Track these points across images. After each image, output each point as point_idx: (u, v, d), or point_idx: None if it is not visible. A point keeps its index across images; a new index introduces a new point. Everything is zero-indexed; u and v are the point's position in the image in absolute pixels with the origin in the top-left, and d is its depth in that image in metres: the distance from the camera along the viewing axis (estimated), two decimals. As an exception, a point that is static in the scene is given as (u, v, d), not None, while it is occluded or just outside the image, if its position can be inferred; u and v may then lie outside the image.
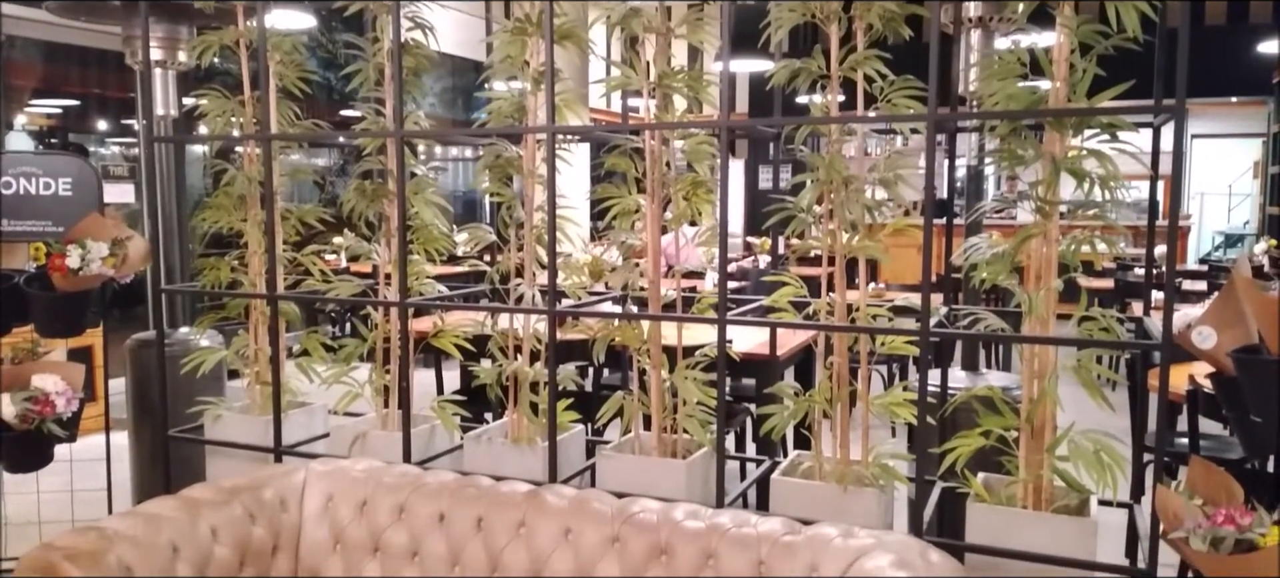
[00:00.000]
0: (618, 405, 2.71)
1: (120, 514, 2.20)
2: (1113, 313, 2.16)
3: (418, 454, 2.87)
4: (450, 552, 2.31)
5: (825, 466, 2.44)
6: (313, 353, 3.09)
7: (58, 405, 2.92)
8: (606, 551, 2.17)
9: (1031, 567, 2.15)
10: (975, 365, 3.09)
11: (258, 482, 2.46)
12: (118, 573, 2.02)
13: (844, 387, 2.39)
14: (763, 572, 2.04)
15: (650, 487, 2.47)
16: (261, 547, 2.35)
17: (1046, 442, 2.17)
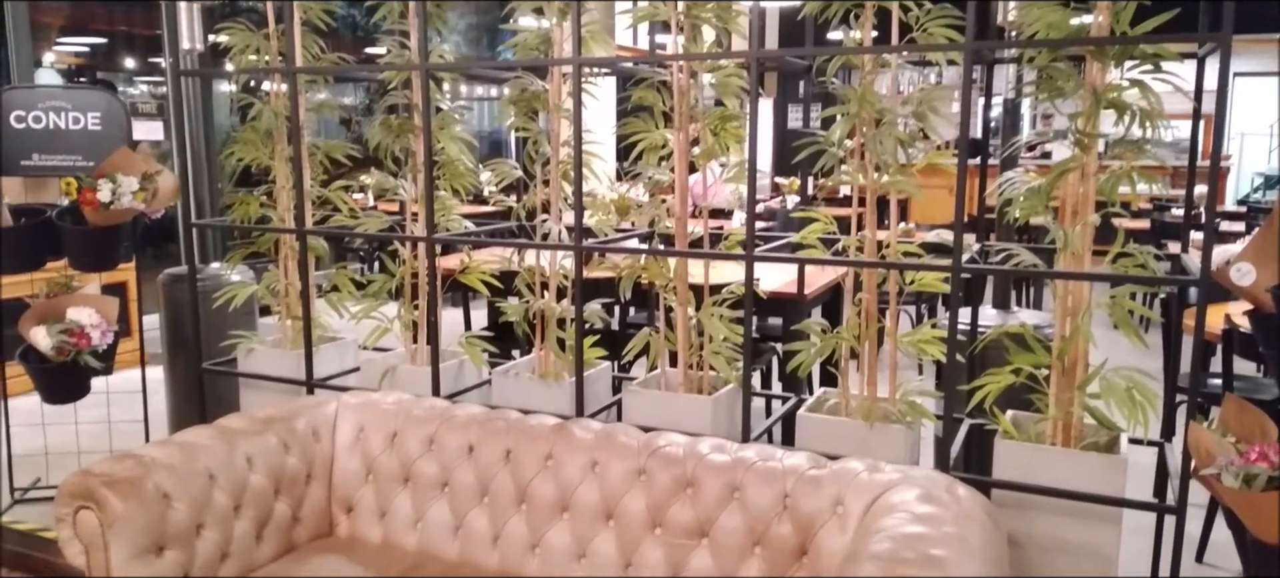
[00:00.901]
0: (644, 342, 2.72)
1: (158, 442, 2.24)
2: (1149, 249, 2.12)
3: (446, 389, 2.90)
4: (479, 483, 2.34)
5: (851, 402, 2.43)
6: (342, 289, 3.11)
7: (93, 338, 2.97)
8: (633, 483, 2.19)
9: (1059, 503, 2.14)
10: (1006, 304, 3.06)
11: (291, 413, 2.50)
12: (156, 499, 2.06)
13: (872, 323, 2.37)
14: (788, 505, 2.05)
15: (676, 422, 2.49)
16: (295, 475, 2.40)
17: (1078, 379, 2.15)
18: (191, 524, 2.12)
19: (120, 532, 1.99)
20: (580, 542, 2.22)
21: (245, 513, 2.26)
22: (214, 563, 2.17)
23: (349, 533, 2.47)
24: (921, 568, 1.60)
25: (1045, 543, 2.20)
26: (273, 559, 2.30)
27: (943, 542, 1.71)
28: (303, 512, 2.42)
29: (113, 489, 2.01)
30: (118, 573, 1.99)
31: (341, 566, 2.21)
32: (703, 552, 2.11)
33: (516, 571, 2.26)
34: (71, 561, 2.05)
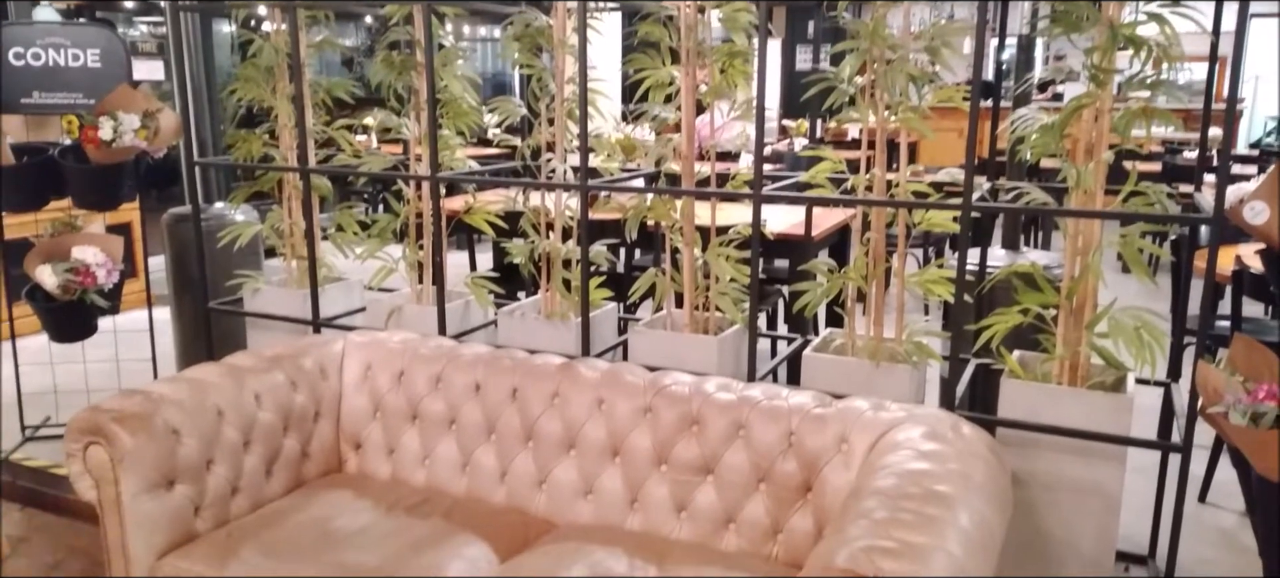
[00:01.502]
0: (650, 282, 2.71)
1: (166, 379, 2.25)
2: (1162, 188, 2.09)
3: (452, 329, 2.90)
4: (486, 420, 2.35)
5: (858, 343, 2.43)
6: (346, 229, 3.10)
7: (98, 277, 2.97)
8: (638, 421, 2.20)
9: (1064, 442, 2.15)
10: (1015, 245, 3.03)
11: (298, 351, 2.51)
12: (165, 435, 2.08)
13: (880, 263, 2.36)
14: (793, 443, 2.06)
15: (681, 363, 2.49)
16: (303, 412, 2.41)
17: (1086, 319, 2.14)
18: (201, 460, 2.14)
19: (130, 467, 2.01)
20: (587, 478, 2.23)
21: (254, 449, 2.27)
22: (224, 498, 2.19)
23: (357, 469, 2.49)
24: (925, 504, 1.61)
25: (1048, 481, 2.21)
26: (283, 494, 2.33)
27: (947, 478, 1.72)
28: (311, 448, 2.44)
29: (122, 425, 2.02)
30: (129, 507, 2.01)
31: (351, 500, 2.23)
32: (708, 488, 2.12)
33: (524, 506, 2.28)
34: (82, 495, 2.08)
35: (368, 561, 1.94)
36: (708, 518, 2.11)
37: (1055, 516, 2.22)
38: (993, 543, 1.67)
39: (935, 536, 1.51)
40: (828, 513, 1.97)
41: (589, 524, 2.19)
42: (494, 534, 2.10)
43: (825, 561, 1.46)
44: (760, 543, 2.07)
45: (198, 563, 1.99)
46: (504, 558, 2.03)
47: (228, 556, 1.99)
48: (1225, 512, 2.90)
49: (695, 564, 1.94)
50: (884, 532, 1.51)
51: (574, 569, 1.89)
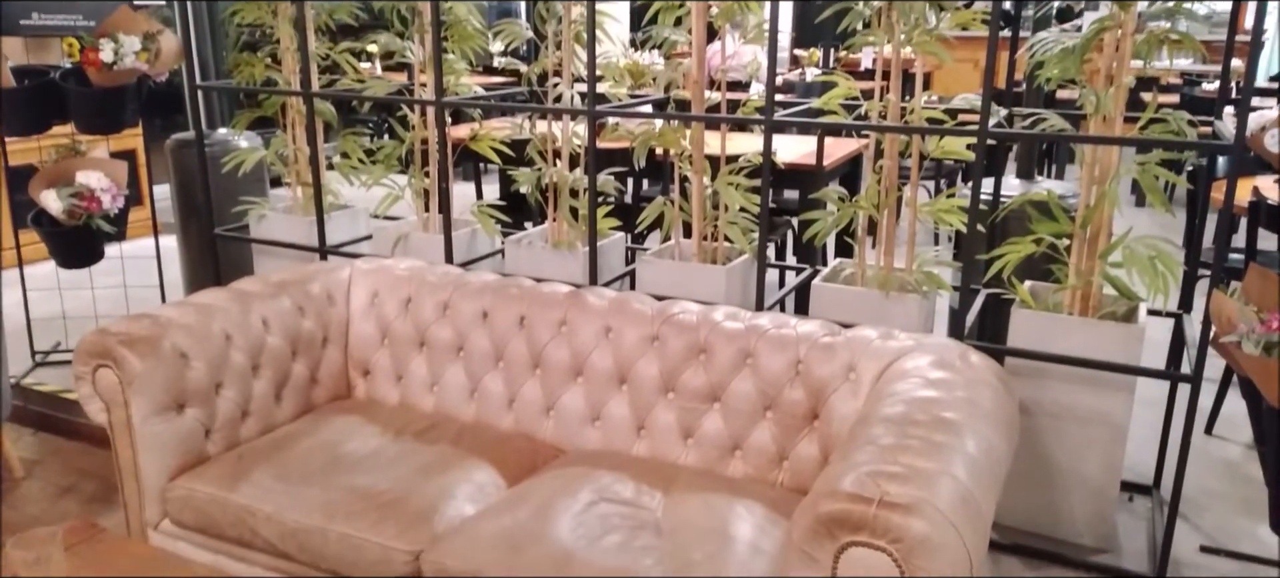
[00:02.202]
0: (658, 211, 2.68)
1: (173, 304, 2.25)
2: (1183, 114, 2.05)
3: (459, 257, 2.89)
4: (494, 348, 2.35)
5: (868, 272, 2.41)
6: (351, 155, 3.07)
7: (103, 202, 2.96)
8: (646, 349, 2.20)
9: (1072, 372, 2.14)
10: (1030, 174, 2.99)
11: (304, 277, 2.50)
12: (173, 358, 2.08)
13: (892, 191, 2.33)
14: (800, 371, 2.05)
15: (689, 293, 2.47)
16: (311, 338, 2.42)
17: (1100, 248, 2.11)
18: (210, 383, 2.15)
19: (140, 389, 2.02)
20: (594, 405, 2.24)
21: (263, 374, 2.28)
22: (235, 421, 2.20)
23: (366, 395, 2.51)
24: (932, 431, 1.60)
25: (1056, 411, 2.21)
26: (292, 418, 2.34)
27: (954, 406, 1.71)
28: (320, 374, 2.44)
29: (130, 348, 2.02)
30: (139, 430, 2.03)
31: (360, 425, 2.25)
32: (714, 416, 2.13)
33: (532, 432, 2.29)
34: (93, 418, 2.09)
35: (378, 483, 1.96)
36: (714, 445, 2.12)
37: (1061, 445, 2.23)
38: (999, 470, 1.67)
39: (942, 462, 1.51)
40: (834, 441, 1.98)
41: (596, 450, 2.20)
42: (502, 460, 2.11)
43: (831, 485, 1.46)
44: (766, 469, 2.08)
45: (210, 484, 2.00)
46: (512, 483, 2.05)
47: (239, 478, 2.00)
48: (1232, 444, 2.91)
49: (701, 489, 1.95)
50: (891, 457, 1.51)
51: (581, 494, 1.91)
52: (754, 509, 1.86)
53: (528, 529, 1.78)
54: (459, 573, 1.72)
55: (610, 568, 1.66)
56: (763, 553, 1.72)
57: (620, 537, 1.77)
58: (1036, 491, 2.29)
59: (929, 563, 1.35)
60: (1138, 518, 2.45)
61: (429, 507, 1.88)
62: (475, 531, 1.80)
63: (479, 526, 1.82)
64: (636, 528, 1.80)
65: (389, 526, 1.83)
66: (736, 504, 1.88)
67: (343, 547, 1.84)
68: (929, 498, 1.40)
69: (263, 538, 1.93)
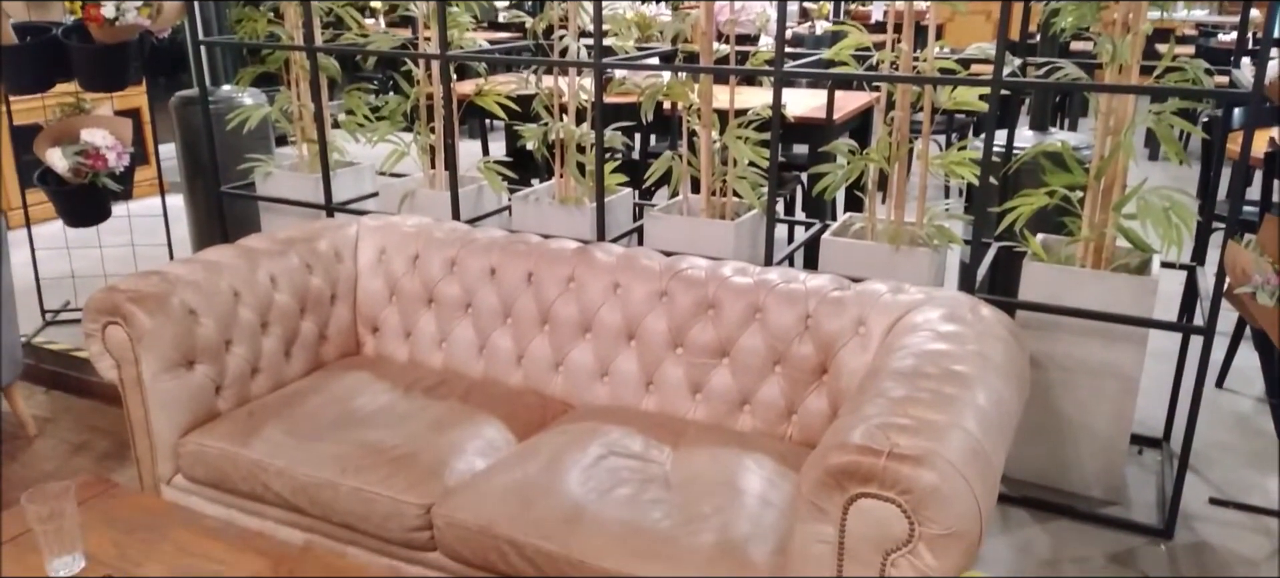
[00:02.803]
0: (666, 165, 2.66)
1: (181, 261, 2.25)
2: (1201, 63, 2.01)
3: (465, 214, 2.88)
4: (502, 304, 2.35)
5: (878, 226, 2.39)
6: (356, 111, 3.05)
7: (109, 160, 2.95)
8: (654, 305, 2.19)
9: (1084, 325, 2.12)
10: (1043, 125, 2.95)
11: (311, 234, 2.49)
12: (183, 315, 2.08)
13: (904, 143, 2.30)
14: (809, 326, 2.04)
15: (697, 248, 2.46)
16: (320, 295, 2.41)
17: (1114, 200, 2.08)
18: (220, 340, 2.15)
19: (150, 346, 2.02)
20: (602, 361, 2.24)
21: (273, 331, 2.28)
22: (245, 378, 2.21)
23: (375, 352, 2.51)
24: (943, 383, 1.60)
25: (1067, 364, 2.20)
26: (302, 375, 2.35)
27: (965, 359, 1.70)
28: (329, 331, 2.45)
29: (139, 305, 2.02)
30: (150, 386, 2.04)
31: (370, 381, 2.25)
32: (723, 371, 2.12)
33: (541, 388, 2.29)
34: (104, 375, 2.10)
35: (388, 439, 1.97)
36: (723, 400, 2.12)
37: (1072, 398, 2.22)
38: (1009, 423, 1.66)
39: (952, 414, 1.50)
40: (843, 395, 1.97)
41: (605, 406, 2.20)
42: (511, 415, 2.12)
43: (841, 438, 1.46)
44: (775, 424, 2.08)
45: (221, 440, 2.02)
46: (521, 438, 2.05)
47: (250, 433, 2.01)
48: (1242, 397, 2.90)
49: (710, 444, 1.95)
50: (901, 410, 1.51)
51: (591, 448, 1.91)
52: (763, 463, 1.87)
53: (538, 483, 1.78)
54: (470, 526, 1.73)
55: (620, 521, 1.67)
56: (772, 506, 1.72)
57: (629, 490, 1.77)
58: (1046, 444, 2.29)
59: (939, 515, 1.35)
60: (1147, 471, 2.45)
61: (439, 461, 1.89)
62: (486, 485, 1.81)
63: (489, 480, 1.82)
64: (646, 482, 1.81)
65: (400, 480, 1.84)
66: (745, 458, 1.88)
67: (354, 501, 1.85)
68: (939, 450, 1.39)
69: (275, 493, 1.94)
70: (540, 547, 1.66)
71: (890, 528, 1.39)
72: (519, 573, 1.71)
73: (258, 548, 1.59)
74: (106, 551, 1.59)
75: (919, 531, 1.38)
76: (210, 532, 1.64)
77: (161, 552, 1.58)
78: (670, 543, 1.61)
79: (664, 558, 1.59)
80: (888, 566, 1.42)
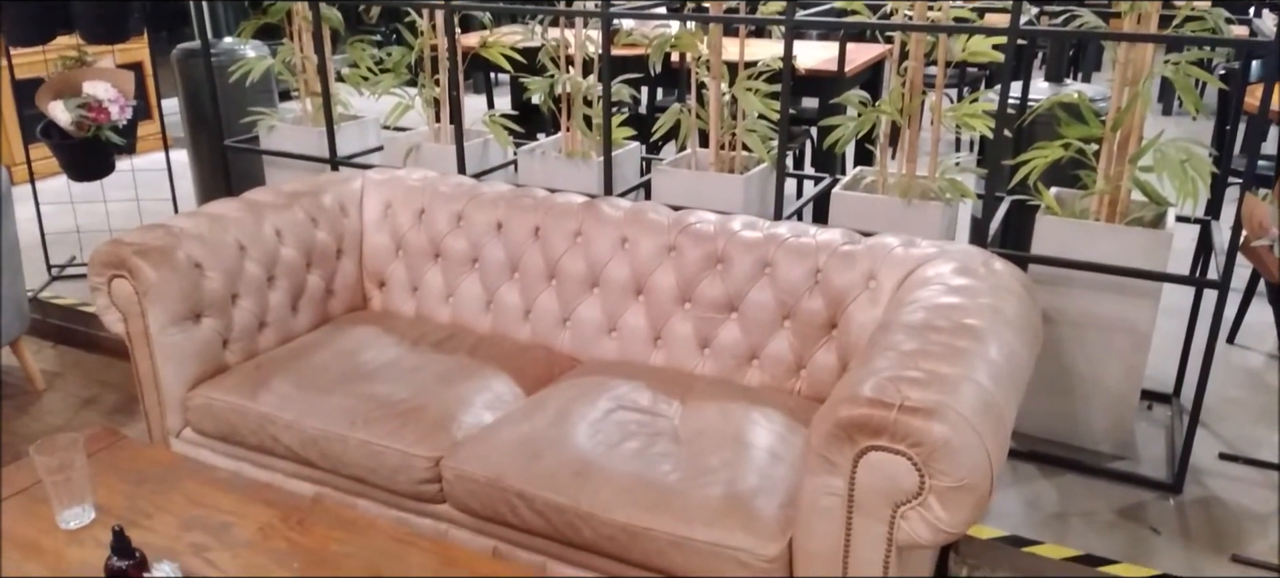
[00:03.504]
0: (674, 118, 2.62)
1: (186, 214, 2.23)
2: (1222, 11, 1.96)
3: (471, 168, 2.86)
4: (509, 259, 2.33)
5: (889, 180, 2.36)
6: (360, 63, 3.01)
7: (112, 112, 2.92)
8: (662, 259, 2.17)
9: (1096, 279, 2.10)
10: (1058, 76, 2.90)
11: (316, 187, 2.47)
12: (188, 268, 2.07)
13: (917, 95, 2.26)
14: (819, 280, 2.03)
15: (706, 202, 2.44)
16: (326, 250, 2.40)
17: (1131, 152, 2.05)
18: (226, 293, 2.14)
19: (156, 299, 2.01)
20: (610, 316, 2.23)
21: (279, 284, 2.28)
22: (252, 331, 2.21)
23: (382, 306, 2.50)
24: (955, 337, 1.58)
25: (1079, 319, 2.18)
26: (309, 329, 2.34)
27: (977, 312, 1.68)
28: (335, 285, 2.44)
29: (144, 258, 2.01)
30: (157, 340, 2.03)
31: (377, 335, 2.25)
32: (732, 326, 2.11)
33: (548, 343, 2.28)
34: (111, 328, 2.09)
35: (397, 392, 1.96)
36: (731, 354, 2.11)
37: (1083, 353, 2.20)
38: (1021, 377, 1.65)
39: (964, 367, 1.49)
40: (853, 349, 1.96)
41: (613, 361, 2.20)
42: (519, 370, 2.11)
43: (851, 391, 1.45)
44: (783, 378, 2.07)
45: (229, 393, 2.02)
46: (529, 392, 2.05)
47: (258, 387, 2.01)
48: (1253, 353, 2.88)
49: (719, 398, 1.94)
50: (912, 363, 1.49)
51: (599, 402, 1.90)
52: (772, 417, 1.86)
53: (546, 436, 1.78)
54: (479, 478, 1.73)
55: (628, 474, 1.67)
56: (780, 460, 1.72)
57: (638, 444, 1.77)
58: (1056, 399, 2.28)
59: (950, 467, 1.34)
60: (1156, 426, 2.45)
61: (447, 415, 1.89)
62: (494, 438, 1.81)
63: (498, 433, 1.82)
64: (654, 435, 1.81)
65: (408, 433, 1.84)
66: (754, 412, 1.87)
67: (363, 454, 1.85)
68: (950, 402, 1.38)
69: (284, 445, 1.95)
70: (549, 499, 1.66)
71: (900, 481, 1.39)
72: (528, 526, 1.71)
73: (267, 499, 1.60)
74: (116, 502, 1.59)
75: (929, 483, 1.37)
76: (220, 483, 1.65)
77: (172, 503, 1.59)
78: (679, 496, 1.61)
79: (673, 511, 1.59)
80: (898, 518, 1.42)
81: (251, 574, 1.41)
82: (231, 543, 1.49)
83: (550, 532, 1.69)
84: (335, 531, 1.51)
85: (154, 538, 1.49)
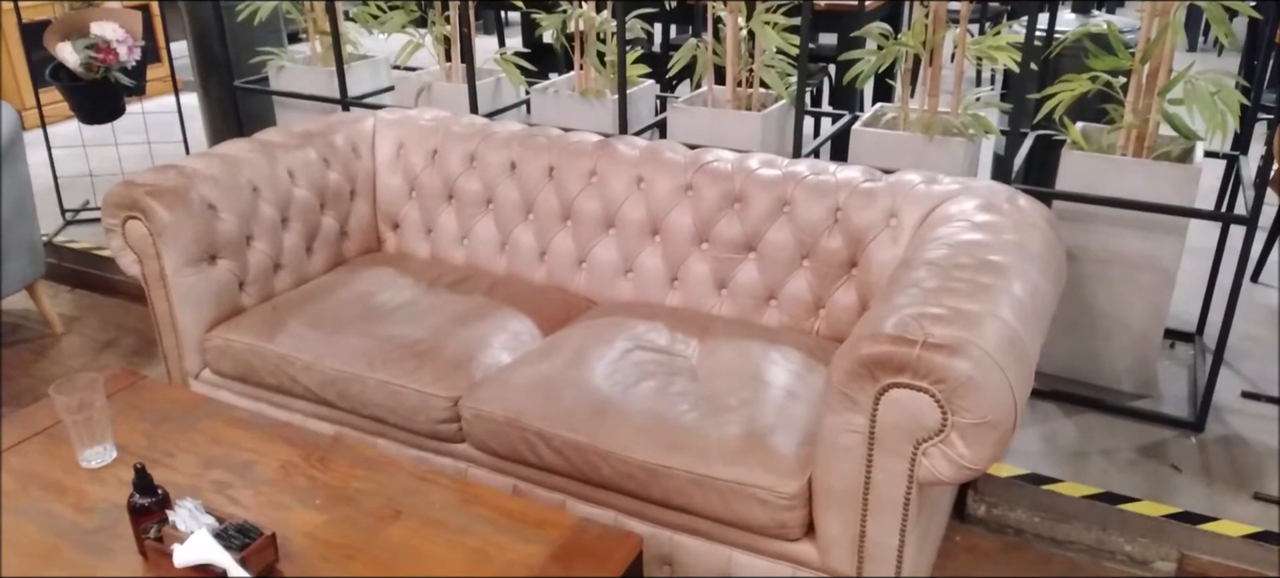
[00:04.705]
0: (690, 54, 2.57)
1: (198, 155, 2.21)
2: (1260, -64, 1.89)
3: (483, 108, 2.82)
4: (523, 199, 2.31)
5: (910, 116, 2.31)
6: (369, 2, 2.96)
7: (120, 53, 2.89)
8: (679, 199, 2.14)
9: (1121, 215, 2.07)
10: (1085, 8, 2.83)
11: (328, 127, 2.44)
12: (202, 209, 2.06)
13: (940, 27, 2.20)
14: (839, 219, 2.00)
15: (722, 141, 2.40)
16: (339, 191, 2.38)
17: (1159, 84, 2.00)
18: (241, 235, 2.13)
19: (171, 241, 2.00)
20: (626, 257, 2.21)
21: (293, 226, 2.26)
22: (268, 273, 2.20)
23: (397, 248, 2.49)
24: (979, 273, 1.55)
25: (1103, 256, 2.14)
26: (324, 271, 2.34)
27: (1001, 249, 1.65)
28: (350, 227, 2.42)
29: (158, 199, 2.00)
30: (173, 281, 2.03)
31: (393, 277, 2.24)
32: (750, 266, 2.09)
33: (564, 284, 2.27)
34: (127, 271, 2.09)
35: (414, 333, 1.96)
36: (749, 295, 2.09)
37: (1106, 291, 2.17)
38: (1046, 313, 1.63)
39: (988, 303, 1.47)
40: (873, 288, 1.94)
41: (629, 301, 2.18)
42: (536, 310, 2.10)
43: (873, 327, 1.43)
44: (802, 318, 2.05)
45: (247, 335, 2.01)
46: (546, 333, 2.04)
47: (276, 328, 2.01)
48: (1275, 292, 2.84)
49: (736, 338, 1.93)
50: (935, 299, 1.47)
51: (616, 342, 1.89)
52: (790, 356, 1.85)
53: (564, 376, 1.78)
54: (498, 418, 1.73)
55: (647, 412, 1.66)
56: (799, 398, 1.71)
57: (656, 383, 1.76)
58: (1078, 337, 2.25)
59: (973, 404, 1.33)
60: (1179, 365, 2.42)
61: (465, 355, 1.89)
62: (512, 377, 1.80)
63: (516, 373, 1.82)
64: (672, 375, 1.80)
65: (426, 373, 1.84)
66: (772, 352, 1.86)
67: (381, 394, 1.85)
68: (974, 339, 1.36)
69: (303, 386, 1.95)
70: (568, 438, 1.66)
71: (923, 418, 1.37)
72: (547, 464, 1.72)
73: (288, 438, 1.60)
74: (137, 441, 1.60)
75: (952, 420, 1.36)
76: (240, 423, 1.65)
77: (192, 442, 1.60)
78: (697, 434, 1.61)
79: (692, 449, 1.59)
80: (919, 455, 1.41)
81: (274, 511, 1.41)
82: (253, 481, 1.49)
83: (569, 470, 1.70)
84: (356, 468, 1.52)
85: (176, 476, 1.50)
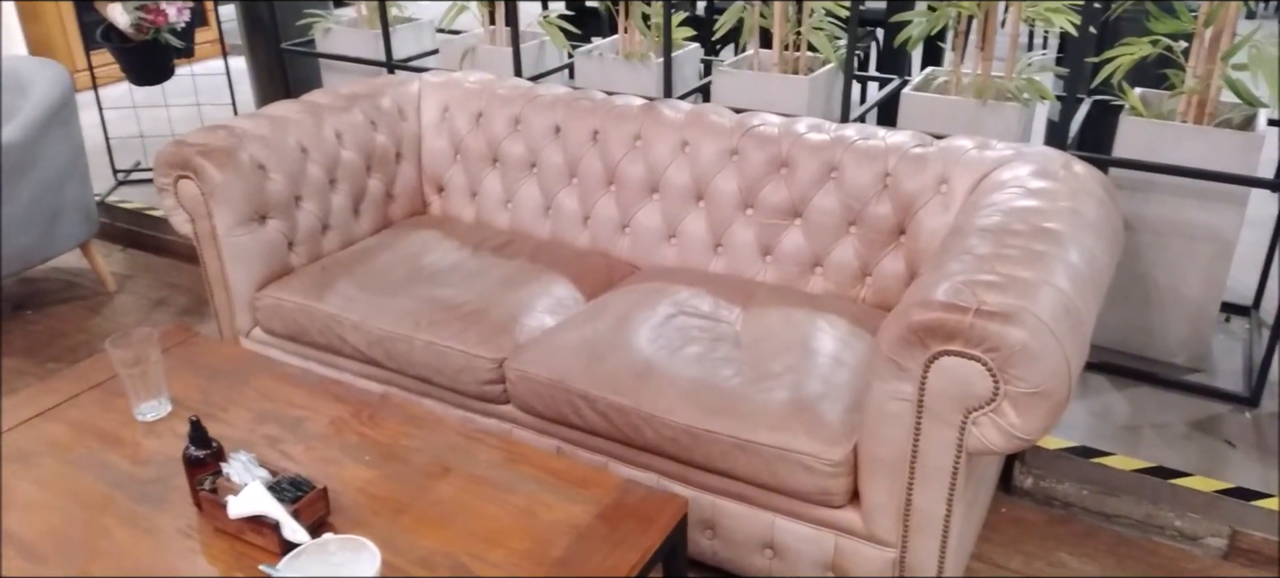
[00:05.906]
0: (737, 16, 2.54)
1: (246, 115, 2.23)
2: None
3: (527, 70, 2.81)
4: (567, 163, 2.30)
5: (963, 80, 2.26)
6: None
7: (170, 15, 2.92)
8: (724, 164, 2.12)
9: (1180, 184, 2.01)
10: (1145, -29, 2.74)
11: (374, 89, 2.45)
12: (252, 170, 2.08)
13: (994, -11, 2.15)
14: (888, 184, 1.96)
15: (769, 105, 2.37)
16: (385, 153, 2.40)
17: (1223, 49, 1.93)
18: (290, 195, 2.16)
19: (222, 200, 2.03)
20: (670, 222, 2.20)
21: (340, 188, 2.28)
22: (316, 234, 2.23)
23: (442, 211, 2.50)
24: (1033, 240, 1.52)
25: (1160, 226, 2.09)
26: (371, 233, 2.36)
27: (1057, 216, 1.62)
28: (396, 189, 2.44)
29: (208, 158, 2.03)
30: (225, 240, 2.06)
31: (438, 239, 2.25)
32: (795, 232, 2.07)
33: (607, 249, 2.27)
34: (179, 229, 2.13)
35: (459, 295, 1.97)
36: (794, 261, 2.08)
37: (1162, 262, 2.12)
38: (1102, 282, 1.59)
39: (1043, 271, 1.44)
40: (922, 256, 1.91)
41: (673, 267, 2.18)
42: (579, 275, 2.10)
43: (924, 294, 1.41)
44: (848, 286, 2.03)
45: (297, 294, 2.04)
46: (590, 297, 2.04)
47: (325, 288, 2.04)
48: (1339, 266, 2.75)
49: (781, 304, 1.92)
50: (988, 266, 1.44)
51: (660, 307, 1.89)
52: (836, 323, 1.83)
53: (608, 339, 1.78)
54: (542, 379, 1.74)
55: (690, 377, 1.66)
56: (845, 365, 1.69)
57: (700, 348, 1.76)
58: (1131, 309, 2.21)
59: (1026, 373, 1.31)
60: (1234, 339, 2.36)
61: (510, 318, 1.90)
62: (557, 340, 1.81)
63: (560, 336, 1.82)
64: (716, 340, 1.79)
65: (472, 334, 1.85)
66: (817, 319, 1.84)
67: (428, 355, 1.87)
68: (1029, 307, 1.33)
69: (351, 345, 1.98)
70: (612, 400, 1.67)
71: (974, 386, 1.36)
72: (590, 426, 1.72)
73: (337, 395, 1.63)
74: (191, 396, 1.64)
75: (1004, 389, 1.34)
76: (291, 379, 1.68)
77: (245, 397, 1.63)
78: (742, 400, 1.60)
79: (736, 414, 1.58)
80: (969, 424, 1.39)
81: (325, 466, 1.44)
82: (304, 436, 1.52)
83: (612, 433, 1.70)
84: (405, 426, 1.54)
85: (229, 430, 1.53)
